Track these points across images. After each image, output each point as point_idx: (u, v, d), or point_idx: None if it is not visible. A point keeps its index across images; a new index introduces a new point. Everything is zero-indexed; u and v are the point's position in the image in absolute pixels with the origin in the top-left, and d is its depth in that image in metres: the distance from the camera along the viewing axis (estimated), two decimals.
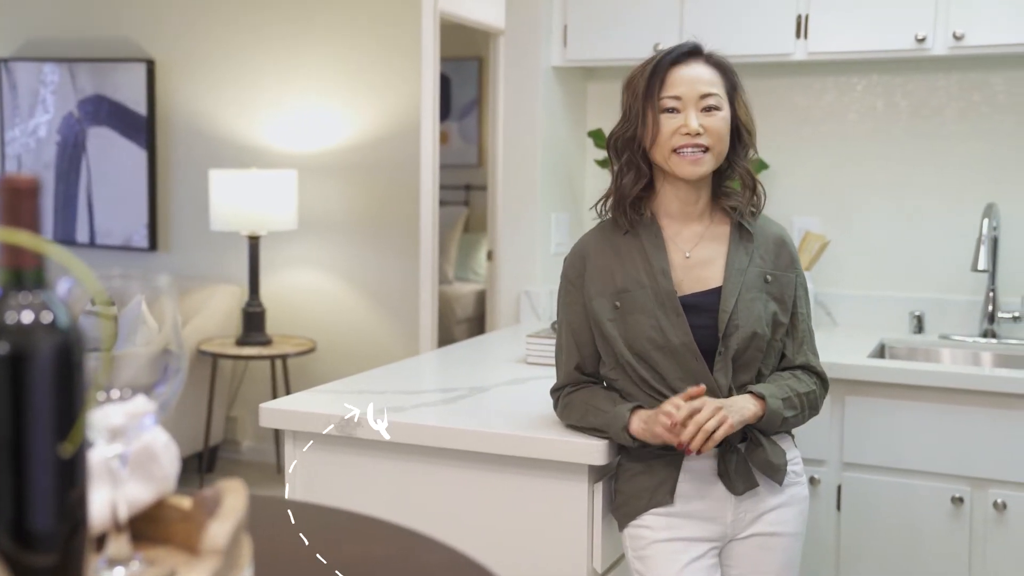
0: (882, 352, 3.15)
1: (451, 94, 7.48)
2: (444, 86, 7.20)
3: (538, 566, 2.04)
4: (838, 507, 2.81)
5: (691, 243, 2.00)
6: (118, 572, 0.88)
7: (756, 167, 2.07)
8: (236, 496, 0.92)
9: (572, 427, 2.02)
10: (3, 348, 0.73)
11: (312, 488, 2.18)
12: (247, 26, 4.95)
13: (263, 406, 2.23)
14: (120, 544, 0.89)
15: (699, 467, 1.94)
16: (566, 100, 3.61)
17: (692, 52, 1.97)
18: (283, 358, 4.61)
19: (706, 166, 1.94)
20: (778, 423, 1.92)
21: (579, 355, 2.02)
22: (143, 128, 5.11)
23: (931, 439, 2.71)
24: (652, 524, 1.94)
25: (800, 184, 3.45)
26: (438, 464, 2.09)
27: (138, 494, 0.96)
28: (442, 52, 4.88)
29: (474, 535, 2.06)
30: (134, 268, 5.14)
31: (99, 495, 0.90)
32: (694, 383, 1.90)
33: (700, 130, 1.91)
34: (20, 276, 0.76)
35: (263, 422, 2.23)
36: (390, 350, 4.72)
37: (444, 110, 7.24)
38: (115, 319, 0.88)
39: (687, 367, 1.91)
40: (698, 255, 1.99)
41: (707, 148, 1.92)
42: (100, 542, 0.91)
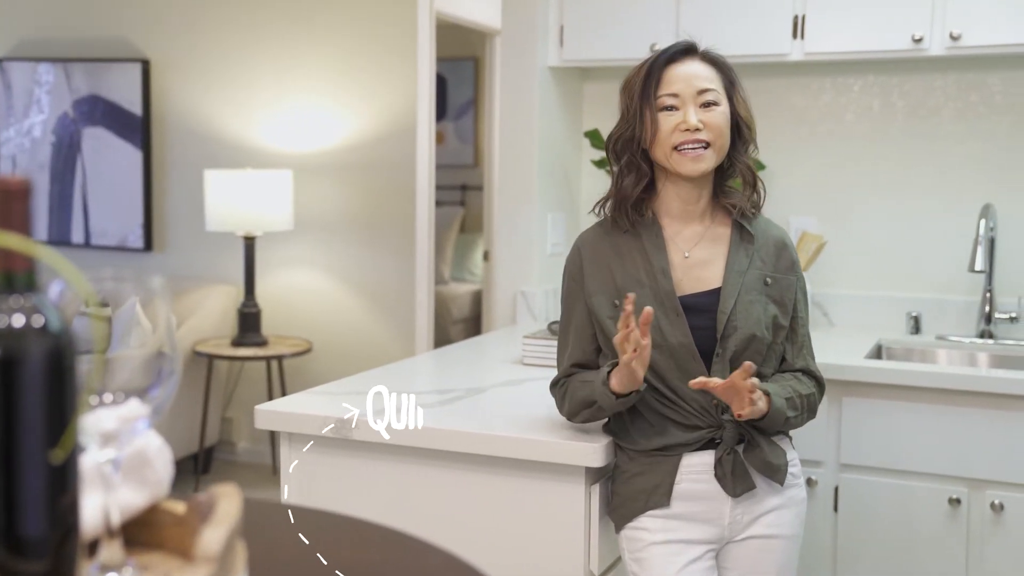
0: (879, 353, 3.15)
1: (447, 94, 7.47)
2: (440, 86, 7.19)
3: (535, 568, 2.03)
4: (835, 508, 2.81)
5: (691, 243, 1.99)
6: None
7: (754, 167, 2.07)
8: (230, 501, 0.91)
9: (572, 415, 1.99)
10: None
11: (308, 489, 2.17)
12: (243, 26, 4.94)
13: (258, 408, 2.22)
14: (113, 550, 0.88)
15: (696, 469, 1.93)
16: (562, 100, 3.61)
17: (688, 50, 1.97)
18: (279, 359, 4.60)
19: (708, 162, 1.93)
20: (781, 422, 1.91)
21: (580, 351, 2.01)
22: (138, 128, 5.09)
23: (928, 440, 2.71)
24: (649, 526, 1.94)
25: (797, 184, 3.45)
26: (434, 466, 2.09)
27: (131, 499, 0.95)
28: (438, 52, 4.87)
29: (470, 537, 2.05)
30: (129, 269, 5.13)
31: (92, 500, 0.89)
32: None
33: (699, 125, 1.91)
34: (11, 279, 0.75)
35: (258, 424, 2.22)
36: (386, 351, 4.71)
37: (440, 110, 7.23)
38: (109, 321, 0.87)
39: (685, 367, 1.91)
40: (697, 255, 1.98)
41: (707, 144, 1.92)
42: (93, 548, 0.90)
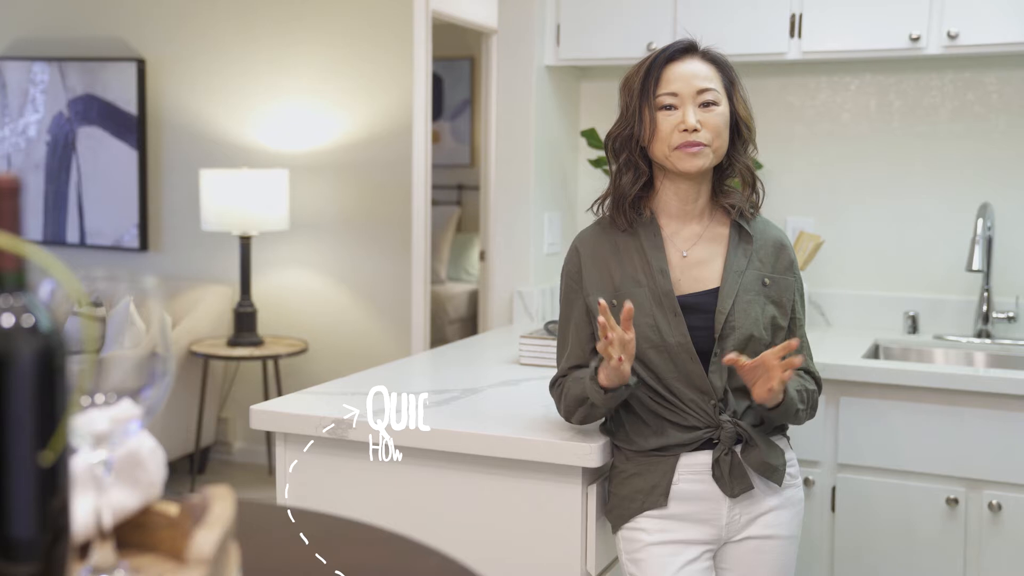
0: (876, 352, 3.14)
1: (443, 94, 7.46)
2: (436, 86, 7.19)
3: (532, 569, 2.02)
4: (832, 508, 2.80)
5: (689, 243, 1.98)
6: None
7: (753, 167, 2.06)
8: (223, 503, 0.90)
9: (570, 415, 1.97)
10: None
11: (304, 490, 2.16)
12: (238, 26, 4.93)
13: (253, 408, 2.21)
14: (105, 552, 0.87)
15: (694, 469, 1.92)
16: (559, 99, 3.60)
17: (688, 49, 1.96)
18: (275, 359, 4.59)
19: (706, 159, 1.92)
20: (792, 414, 1.92)
21: (579, 351, 2.00)
22: (133, 128, 5.08)
23: (926, 440, 2.70)
24: (646, 527, 1.93)
25: (794, 184, 3.44)
26: (430, 466, 2.08)
27: (124, 501, 0.94)
28: (434, 52, 4.86)
29: (466, 537, 2.04)
30: (124, 268, 5.11)
31: (83, 502, 0.88)
32: (689, 382, 1.89)
33: (698, 126, 1.90)
34: (0, 279, 0.74)
35: (254, 424, 2.21)
36: (382, 350, 4.70)
37: (436, 110, 7.22)
38: (103, 321, 0.86)
39: (683, 367, 1.90)
40: (695, 255, 1.97)
41: (706, 144, 1.91)
42: (85, 550, 0.89)
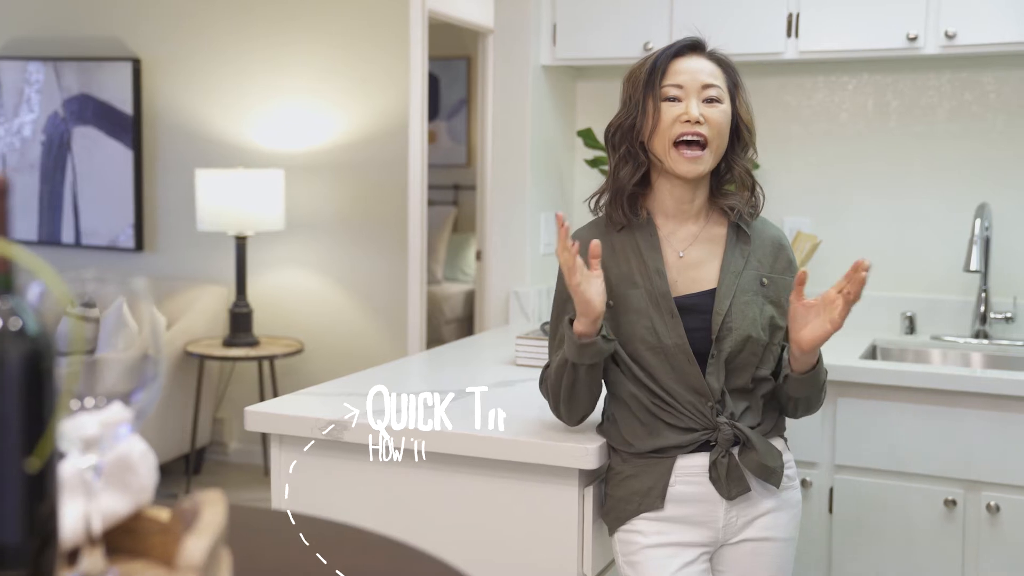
0: (874, 353, 3.13)
1: (440, 93, 7.45)
2: (433, 85, 7.17)
3: (528, 571, 2.01)
4: (830, 510, 2.79)
5: (686, 243, 1.97)
6: None
7: (752, 171, 2.04)
8: (215, 508, 0.89)
9: (556, 402, 1.94)
10: None
11: (299, 492, 2.15)
12: (234, 25, 4.91)
13: (248, 409, 2.20)
14: (94, 558, 0.86)
15: (691, 471, 1.91)
16: (555, 99, 3.59)
17: (694, 47, 1.95)
18: (270, 359, 4.58)
19: (704, 165, 1.91)
20: (820, 383, 1.97)
21: None
22: (129, 127, 5.06)
23: (924, 441, 2.69)
24: (643, 529, 1.92)
25: (791, 184, 3.43)
26: (425, 467, 2.06)
27: (114, 505, 0.93)
28: (430, 51, 4.85)
29: (462, 539, 2.03)
30: (119, 269, 5.10)
31: (73, 507, 0.87)
32: (686, 384, 1.88)
33: (700, 118, 1.88)
34: None
35: (248, 426, 2.20)
36: (378, 351, 4.69)
37: (433, 109, 7.21)
38: (96, 322, 0.85)
39: (679, 369, 1.88)
40: (692, 255, 1.96)
41: (706, 143, 1.89)
42: (74, 556, 0.87)
